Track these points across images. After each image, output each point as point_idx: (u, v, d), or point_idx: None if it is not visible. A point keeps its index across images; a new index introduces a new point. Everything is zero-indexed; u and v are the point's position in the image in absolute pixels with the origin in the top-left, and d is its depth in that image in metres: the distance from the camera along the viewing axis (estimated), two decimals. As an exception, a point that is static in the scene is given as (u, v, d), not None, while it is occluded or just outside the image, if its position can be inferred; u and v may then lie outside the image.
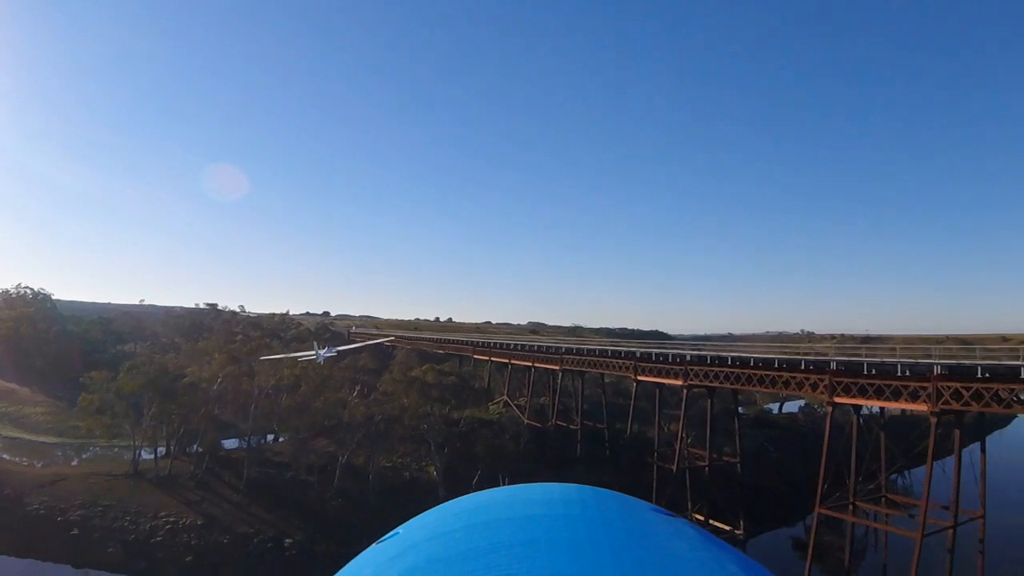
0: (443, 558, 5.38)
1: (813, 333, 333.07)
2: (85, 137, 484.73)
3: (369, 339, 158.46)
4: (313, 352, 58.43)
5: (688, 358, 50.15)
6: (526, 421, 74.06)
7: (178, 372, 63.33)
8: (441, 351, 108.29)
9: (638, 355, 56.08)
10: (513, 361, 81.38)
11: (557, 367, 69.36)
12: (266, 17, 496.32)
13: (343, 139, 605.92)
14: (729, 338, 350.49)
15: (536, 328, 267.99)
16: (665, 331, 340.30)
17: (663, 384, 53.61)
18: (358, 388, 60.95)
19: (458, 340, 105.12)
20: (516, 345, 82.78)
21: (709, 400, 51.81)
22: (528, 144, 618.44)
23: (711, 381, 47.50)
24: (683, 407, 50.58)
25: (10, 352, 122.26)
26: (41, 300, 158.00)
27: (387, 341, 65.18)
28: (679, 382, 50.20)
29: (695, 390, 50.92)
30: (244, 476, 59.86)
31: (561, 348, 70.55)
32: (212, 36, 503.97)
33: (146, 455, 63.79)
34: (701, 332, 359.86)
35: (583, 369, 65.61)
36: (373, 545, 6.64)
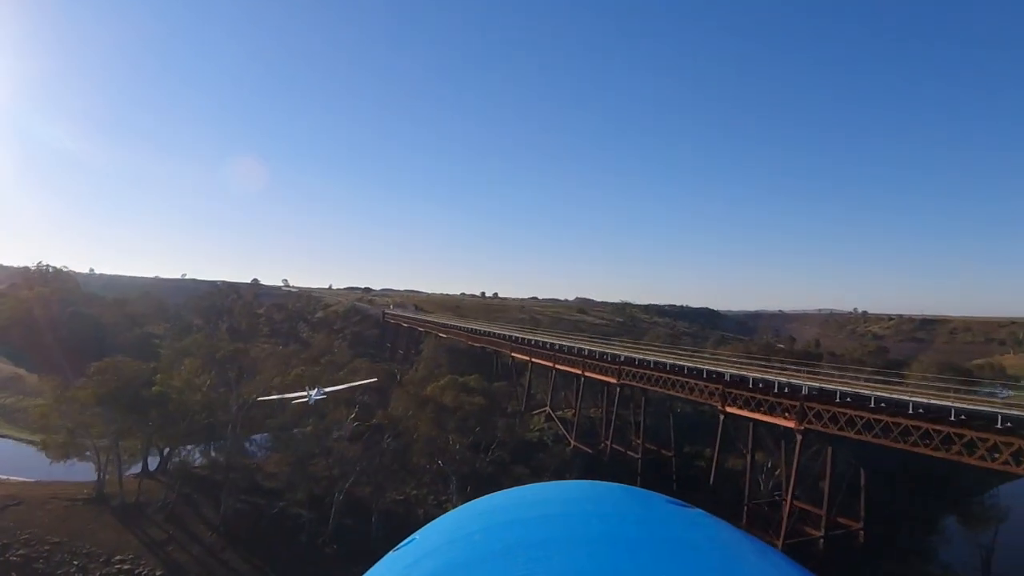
0: (459, 562, 5.23)
1: (867, 313, 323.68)
2: (127, 119, 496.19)
3: (402, 320, 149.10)
4: (305, 394, 49.10)
5: (805, 391, 36.59)
6: (573, 443, 61.92)
7: (148, 378, 53.73)
8: (476, 344, 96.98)
9: (727, 378, 42.76)
10: (558, 366, 69.04)
11: (614, 380, 56.57)
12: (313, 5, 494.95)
13: (388, 114, 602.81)
14: (780, 316, 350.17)
15: (583, 306, 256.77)
16: (715, 308, 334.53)
17: (763, 421, 40.19)
18: (355, 410, 49.59)
19: (495, 333, 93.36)
20: (563, 347, 70.20)
21: (829, 448, 38.13)
22: (573, 123, 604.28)
23: (841, 429, 33.99)
24: (795, 459, 37.23)
25: (22, 335, 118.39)
26: (63, 278, 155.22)
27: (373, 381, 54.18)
28: (791, 423, 36.88)
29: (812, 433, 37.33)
30: (221, 509, 50.15)
31: (619, 357, 57.58)
32: (251, 23, 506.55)
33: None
34: (752, 308, 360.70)
35: (648, 387, 52.57)
36: (390, 553, 6.09)
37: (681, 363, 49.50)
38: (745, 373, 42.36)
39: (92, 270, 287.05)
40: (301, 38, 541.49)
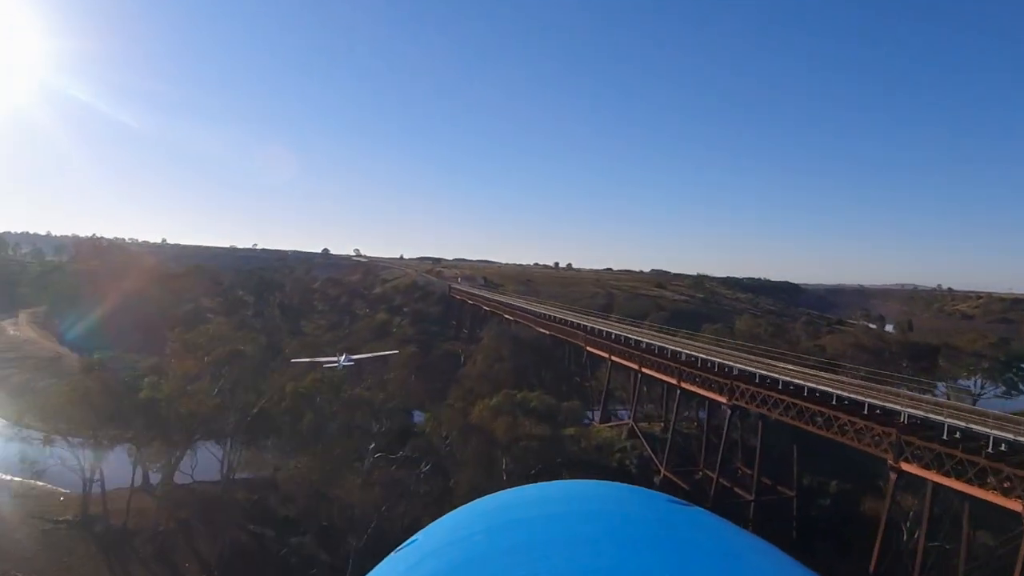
0: (463, 562, 5.55)
1: (952, 289, 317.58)
2: (196, 95, 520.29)
3: (467, 297, 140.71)
4: (335, 359, 42.74)
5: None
6: (664, 472, 50.68)
7: (139, 379, 46.86)
8: (545, 331, 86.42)
9: (904, 420, 30.03)
10: (644, 369, 57.51)
11: (724, 399, 44.54)
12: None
13: (462, 80, 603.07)
14: (861, 291, 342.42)
15: (660, 279, 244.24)
16: (795, 281, 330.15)
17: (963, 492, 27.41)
18: (373, 444, 40.04)
19: (568, 321, 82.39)
20: (651, 346, 58.38)
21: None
22: (649, 90, 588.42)
23: None
24: (1021, 556, 24.62)
25: (68, 311, 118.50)
26: (116, 249, 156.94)
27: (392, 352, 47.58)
28: (1016, 506, 24.19)
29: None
30: (218, 548, 42.73)
31: (731, 369, 45.30)
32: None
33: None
34: (832, 282, 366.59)
35: (771, 414, 40.15)
36: (392, 553, 6.76)
37: (824, 388, 36.32)
38: (931, 416, 29.10)
39: (164, 240, 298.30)
40: (369, 10, 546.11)
